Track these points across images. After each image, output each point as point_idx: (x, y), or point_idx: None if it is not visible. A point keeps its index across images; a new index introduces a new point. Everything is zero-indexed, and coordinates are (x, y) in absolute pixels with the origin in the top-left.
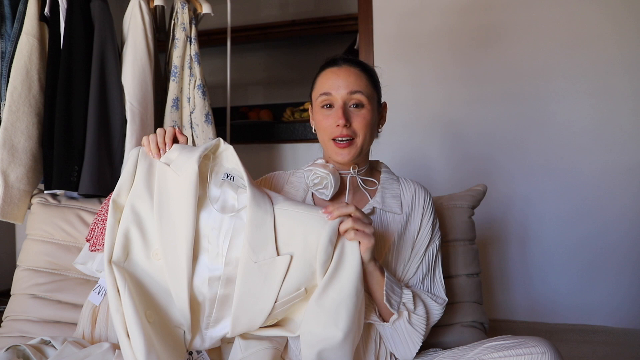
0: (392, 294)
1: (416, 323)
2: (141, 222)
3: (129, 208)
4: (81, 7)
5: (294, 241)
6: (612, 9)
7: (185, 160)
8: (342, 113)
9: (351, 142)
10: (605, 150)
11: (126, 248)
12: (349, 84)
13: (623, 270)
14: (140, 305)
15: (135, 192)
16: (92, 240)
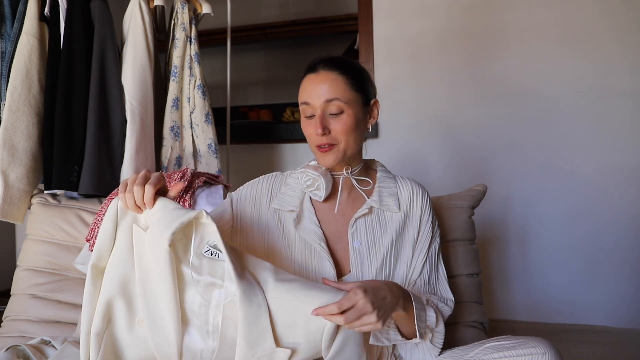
0: (420, 322)
1: (436, 340)
2: (126, 287)
3: (111, 273)
4: (81, 7)
5: (296, 331)
6: (612, 9)
7: (159, 233)
8: (319, 122)
9: (332, 146)
10: (606, 150)
11: (107, 318)
12: (324, 92)
13: (623, 270)
14: None
15: (118, 255)
16: (92, 240)
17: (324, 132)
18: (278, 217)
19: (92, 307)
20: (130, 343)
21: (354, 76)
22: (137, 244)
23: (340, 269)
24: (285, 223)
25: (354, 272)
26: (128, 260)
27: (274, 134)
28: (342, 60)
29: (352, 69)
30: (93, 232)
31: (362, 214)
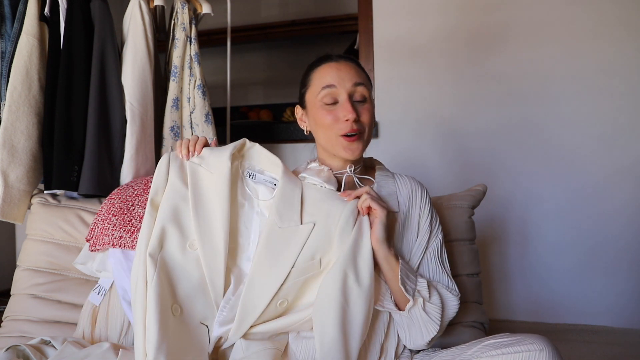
0: (407, 279)
1: (431, 312)
2: (178, 216)
3: (166, 205)
4: (81, 7)
5: (318, 213)
6: (612, 9)
7: (216, 159)
8: (351, 107)
9: (360, 135)
10: (606, 150)
11: (161, 241)
12: (352, 77)
13: (623, 270)
14: (168, 298)
15: (171, 190)
16: (92, 240)
17: (354, 116)
18: None
19: (149, 232)
20: (182, 264)
21: (365, 73)
22: (191, 176)
23: None
24: None
25: None
26: (181, 192)
27: (274, 134)
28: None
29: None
30: (93, 232)
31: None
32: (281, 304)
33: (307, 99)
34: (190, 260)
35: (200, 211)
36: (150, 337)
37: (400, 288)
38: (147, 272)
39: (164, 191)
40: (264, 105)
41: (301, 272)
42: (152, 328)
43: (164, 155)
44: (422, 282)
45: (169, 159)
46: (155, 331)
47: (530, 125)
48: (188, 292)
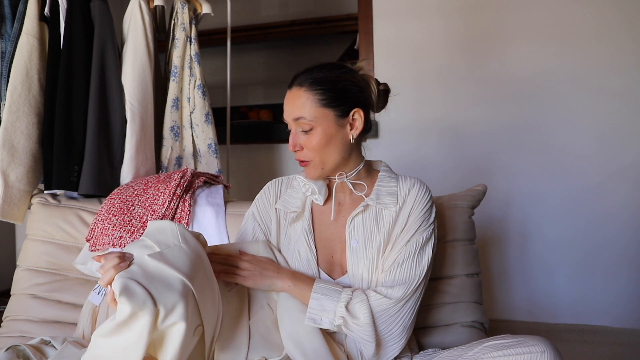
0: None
1: (356, 332)
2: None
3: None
4: (81, 7)
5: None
6: (612, 10)
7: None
8: (291, 139)
9: (307, 162)
10: (606, 151)
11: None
12: (292, 111)
13: (623, 270)
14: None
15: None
16: (92, 240)
17: (295, 148)
18: (280, 217)
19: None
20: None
21: (325, 90)
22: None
23: (342, 269)
24: (286, 224)
25: (350, 271)
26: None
27: (274, 134)
28: (314, 73)
29: (326, 82)
30: (93, 232)
31: (358, 212)
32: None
33: None
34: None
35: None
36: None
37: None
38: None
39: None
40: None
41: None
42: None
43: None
44: (341, 305)
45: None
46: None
47: (531, 126)
48: None
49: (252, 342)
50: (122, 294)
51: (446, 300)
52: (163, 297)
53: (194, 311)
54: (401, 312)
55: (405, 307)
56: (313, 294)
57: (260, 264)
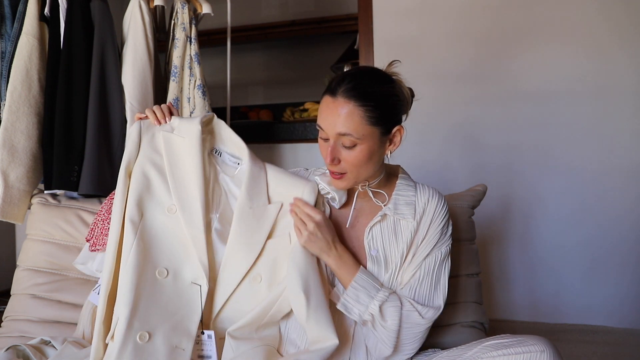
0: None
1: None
2: (152, 183)
3: (139, 173)
4: (81, 7)
5: (283, 192)
6: (612, 9)
7: (187, 126)
8: (330, 152)
9: (343, 175)
10: (606, 150)
11: (140, 208)
12: (337, 125)
13: (623, 270)
14: (152, 263)
15: (144, 158)
16: (92, 240)
17: (334, 162)
18: None
19: (123, 199)
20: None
21: (377, 106)
22: (165, 143)
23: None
24: None
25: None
26: (153, 160)
27: (274, 134)
28: (364, 85)
29: (376, 97)
30: (93, 232)
31: (376, 222)
32: (255, 279)
33: None
34: (170, 223)
35: (177, 175)
36: (124, 298)
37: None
38: (126, 237)
39: (136, 159)
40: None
41: (273, 249)
42: (127, 289)
43: (134, 124)
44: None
45: (140, 128)
46: (130, 291)
47: (531, 126)
48: (173, 254)
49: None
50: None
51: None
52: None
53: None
54: (426, 330)
55: (428, 327)
56: (353, 283)
57: (324, 231)
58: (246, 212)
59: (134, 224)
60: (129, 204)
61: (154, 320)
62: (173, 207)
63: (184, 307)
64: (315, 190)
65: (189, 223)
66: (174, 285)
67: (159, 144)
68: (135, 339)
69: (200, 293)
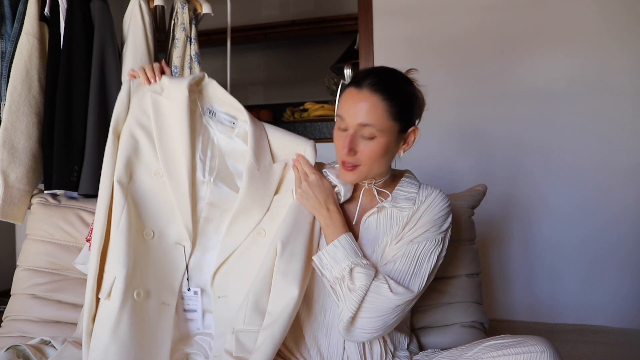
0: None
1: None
2: (141, 146)
3: (127, 135)
4: (81, 7)
5: (285, 152)
6: (617, 8)
7: (175, 88)
8: (348, 142)
9: (355, 167)
10: (607, 150)
11: (129, 169)
12: (360, 115)
13: (623, 270)
14: (139, 224)
15: (132, 120)
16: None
17: (350, 152)
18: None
19: (113, 161)
20: (151, 190)
21: (398, 103)
22: (153, 106)
23: None
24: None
25: None
26: (142, 122)
27: None
28: (392, 81)
29: (399, 94)
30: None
31: (372, 212)
32: (259, 234)
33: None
34: (157, 186)
35: (164, 139)
36: (120, 258)
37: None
38: (116, 199)
39: (125, 120)
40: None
41: (277, 204)
42: (122, 250)
43: (123, 84)
44: (349, 264)
45: (130, 89)
46: (125, 252)
47: (531, 125)
48: (159, 216)
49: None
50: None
51: (446, 300)
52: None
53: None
54: (392, 310)
55: (396, 309)
56: (335, 242)
57: (315, 190)
58: (255, 172)
59: (122, 186)
60: (118, 166)
61: (147, 279)
62: (160, 171)
63: (169, 265)
64: (315, 149)
65: (174, 188)
66: (159, 245)
67: (147, 106)
68: (133, 296)
69: (185, 253)
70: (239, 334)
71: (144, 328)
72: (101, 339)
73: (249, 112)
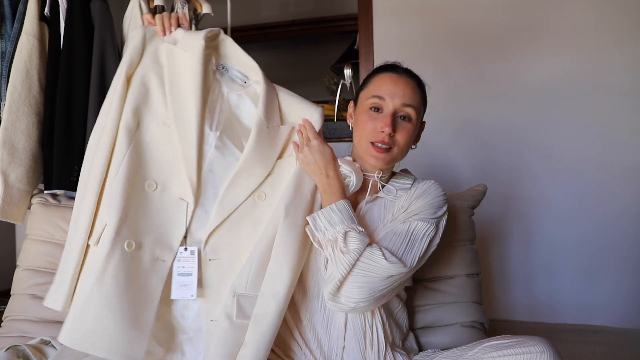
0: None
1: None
2: (149, 94)
3: (138, 82)
4: (81, 7)
5: (294, 115)
6: (613, 9)
7: (191, 39)
8: (390, 121)
9: (389, 150)
10: (606, 149)
11: (137, 117)
12: (404, 95)
13: (623, 270)
14: (142, 174)
15: (144, 67)
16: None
17: (390, 130)
18: None
19: (120, 107)
20: (157, 140)
21: (423, 92)
22: (167, 56)
23: None
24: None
25: None
26: (154, 70)
27: None
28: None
29: (423, 85)
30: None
31: (367, 201)
32: (260, 197)
33: (359, 98)
34: (164, 137)
35: (175, 89)
36: (114, 205)
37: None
38: (119, 145)
39: (137, 66)
40: None
41: (280, 168)
42: (117, 198)
43: (139, 30)
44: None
45: (144, 36)
46: (120, 200)
47: (531, 125)
48: (163, 167)
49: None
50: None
51: (446, 300)
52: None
53: None
54: (382, 280)
55: (387, 280)
56: (332, 205)
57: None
58: (264, 131)
59: (129, 132)
60: (126, 112)
61: (141, 231)
62: (168, 120)
63: (169, 220)
64: (322, 117)
65: (182, 138)
66: (161, 198)
67: (161, 55)
68: (122, 246)
69: (187, 210)
70: (241, 298)
71: (131, 281)
72: (85, 287)
73: (263, 72)
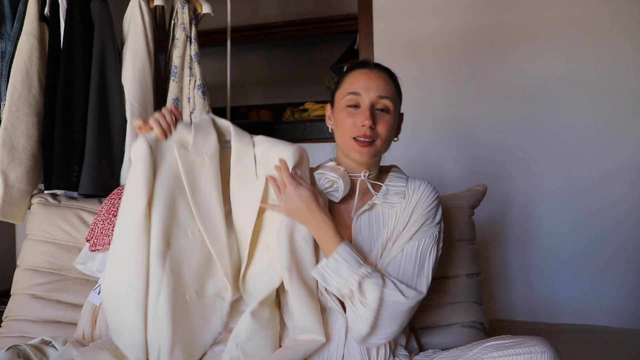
0: (335, 274)
1: (360, 312)
2: (175, 210)
3: (161, 200)
4: (81, 7)
5: (269, 163)
6: (611, 9)
7: (202, 140)
8: (369, 114)
9: (372, 143)
10: (607, 150)
11: (167, 237)
12: (379, 88)
13: (623, 270)
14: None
15: (164, 184)
16: (92, 240)
17: (370, 124)
18: None
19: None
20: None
21: (397, 84)
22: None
23: None
24: None
25: None
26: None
27: (274, 134)
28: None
29: (396, 78)
30: (93, 232)
31: (364, 210)
32: (265, 250)
33: (335, 98)
34: (194, 245)
35: (198, 198)
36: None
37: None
38: (154, 269)
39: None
40: (264, 105)
41: (273, 218)
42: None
43: (140, 143)
44: (355, 278)
45: (150, 149)
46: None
47: (530, 125)
48: (197, 274)
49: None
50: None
51: (446, 300)
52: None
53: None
54: (407, 312)
55: (410, 311)
56: (334, 254)
57: (293, 202)
58: (237, 190)
59: (162, 256)
60: (155, 237)
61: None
62: (196, 230)
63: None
64: (295, 153)
65: (212, 241)
66: (201, 302)
67: (173, 164)
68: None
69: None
70: (244, 344)
71: None
72: None
73: (237, 128)
